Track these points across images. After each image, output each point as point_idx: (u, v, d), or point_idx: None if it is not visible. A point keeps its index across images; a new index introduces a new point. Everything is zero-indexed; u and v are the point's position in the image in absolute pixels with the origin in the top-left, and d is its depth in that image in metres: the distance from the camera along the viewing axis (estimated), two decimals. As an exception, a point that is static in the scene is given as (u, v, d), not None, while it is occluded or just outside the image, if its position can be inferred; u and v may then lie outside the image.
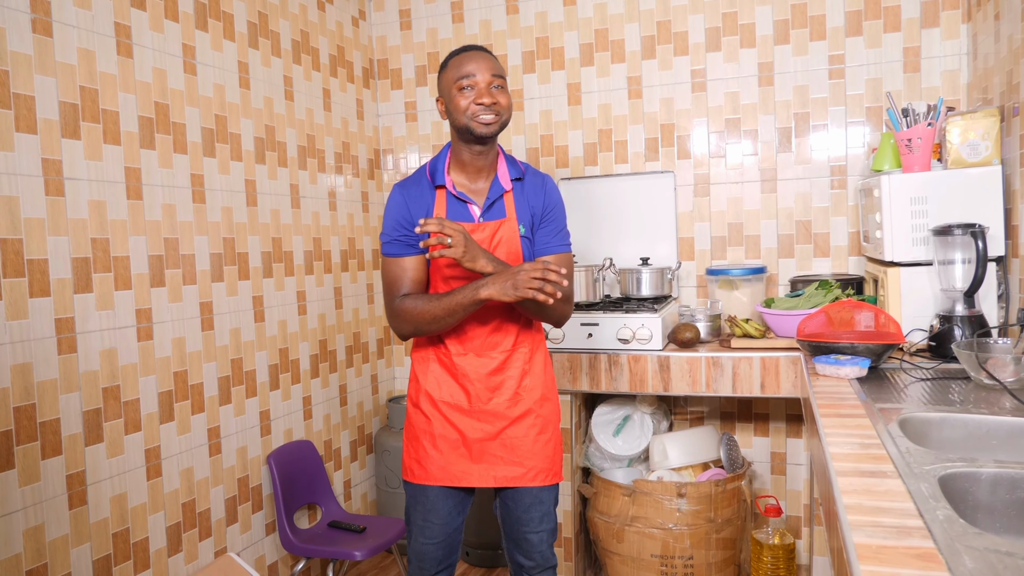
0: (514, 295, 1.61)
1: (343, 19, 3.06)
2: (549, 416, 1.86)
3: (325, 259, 2.88)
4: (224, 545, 2.32)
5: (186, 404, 2.19)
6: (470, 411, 1.81)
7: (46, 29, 1.80)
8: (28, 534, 1.73)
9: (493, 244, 1.77)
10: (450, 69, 1.75)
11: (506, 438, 1.81)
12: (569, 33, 3.00)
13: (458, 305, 1.67)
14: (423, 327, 1.73)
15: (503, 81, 1.74)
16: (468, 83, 1.71)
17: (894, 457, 1.19)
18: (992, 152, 2.10)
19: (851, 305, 2.07)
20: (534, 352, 1.86)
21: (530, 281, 1.59)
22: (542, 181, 1.86)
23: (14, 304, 1.71)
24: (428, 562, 1.85)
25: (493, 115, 1.71)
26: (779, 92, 2.76)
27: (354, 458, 3.02)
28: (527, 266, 1.61)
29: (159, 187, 2.12)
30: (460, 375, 1.81)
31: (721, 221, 2.87)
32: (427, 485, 1.83)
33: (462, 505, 1.88)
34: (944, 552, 0.84)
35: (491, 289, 1.63)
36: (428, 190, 1.80)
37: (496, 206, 1.80)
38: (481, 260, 1.65)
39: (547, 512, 1.86)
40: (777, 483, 2.85)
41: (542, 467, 1.83)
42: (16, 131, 1.73)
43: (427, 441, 1.83)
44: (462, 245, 1.61)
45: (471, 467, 1.81)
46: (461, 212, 1.79)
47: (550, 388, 1.89)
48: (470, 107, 1.70)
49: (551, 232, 1.83)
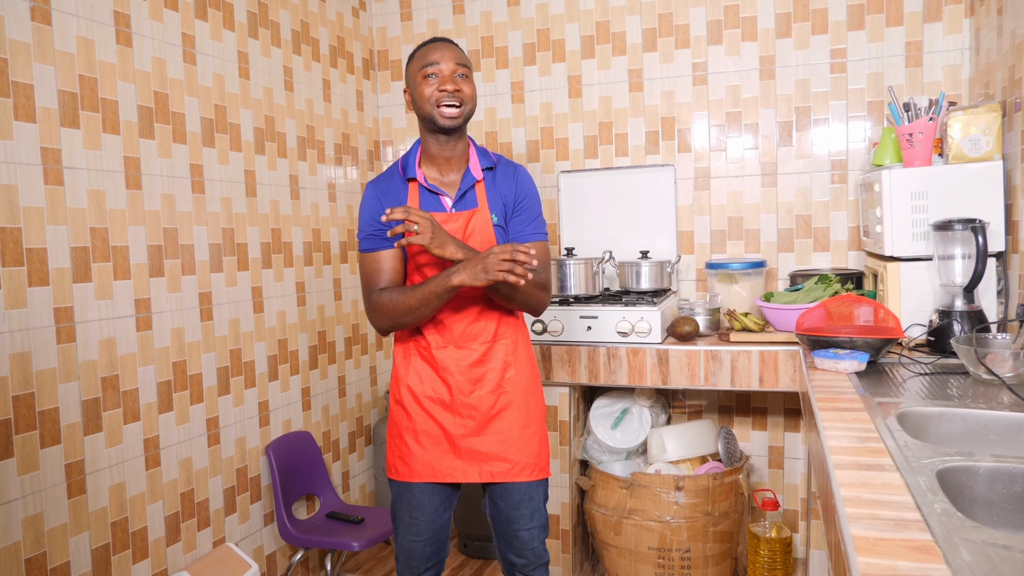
0: (485, 279, 1.61)
1: (343, 9, 3.05)
2: (534, 409, 1.85)
3: (324, 250, 2.88)
4: (223, 535, 2.32)
5: (185, 394, 2.19)
6: (452, 405, 1.80)
7: (45, 17, 1.79)
8: (27, 523, 1.73)
9: (466, 234, 1.77)
10: (415, 60, 1.78)
11: (490, 433, 1.80)
12: (570, 25, 2.99)
13: (431, 294, 1.67)
14: (400, 319, 1.73)
15: (468, 71, 1.76)
16: (433, 71, 1.73)
17: (892, 451, 1.19)
18: (993, 147, 2.10)
19: (850, 300, 2.07)
20: (517, 344, 1.85)
21: (500, 263, 1.59)
22: (514, 171, 1.86)
23: (13, 293, 1.71)
24: (416, 559, 1.85)
25: (457, 105, 1.72)
26: (780, 86, 2.76)
27: (352, 449, 3.02)
28: (496, 249, 1.61)
29: (158, 177, 2.11)
30: (441, 368, 1.80)
31: (721, 215, 2.86)
32: (412, 482, 1.82)
33: (448, 501, 1.87)
34: (941, 545, 0.84)
35: (463, 275, 1.63)
36: (400, 184, 1.81)
37: (468, 196, 1.80)
38: (450, 247, 1.64)
39: (537, 508, 1.85)
40: (775, 477, 2.86)
41: (528, 462, 1.82)
42: (15, 120, 1.72)
43: (410, 438, 1.82)
44: (429, 231, 1.61)
45: (456, 463, 1.80)
46: (433, 204, 1.79)
47: (534, 381, 1.88)
48: (434, 94, 1.72)
49: (525, 220, 1.83)
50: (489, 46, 3.10)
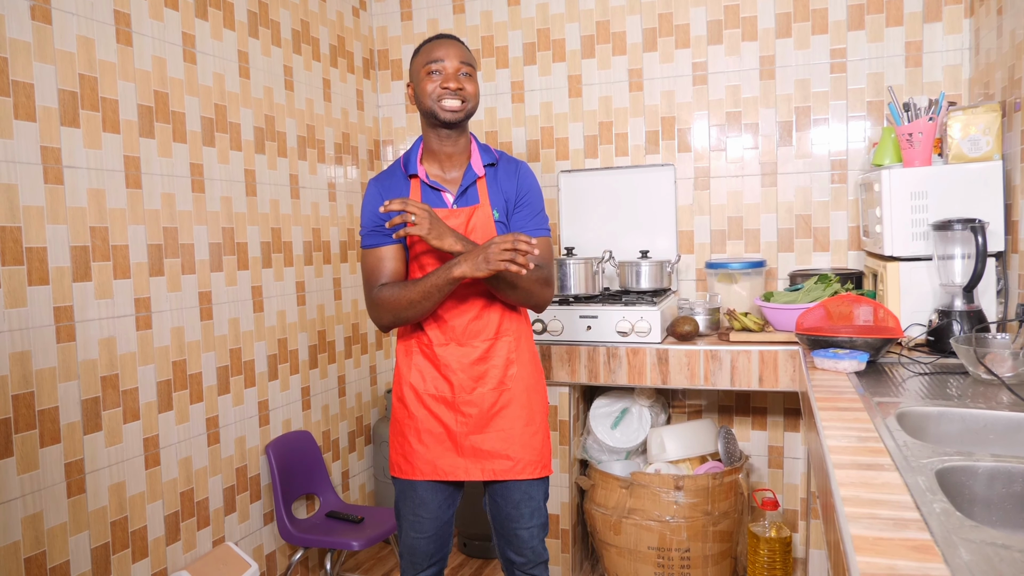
0: (487, 269, 1.60)
1: (343, 9, 3.05)
2: (536, 407, 1.85)
3: (324, 250, 2.88)
4: (222, 534, 2.32)
5: (185, 394, 2.19)
6: (454, 403, 1.79)
7: (45, 16, 1.79)
8: (27, 522, 1.73)
9: (468, 230, 1.77)
10: (420, 55, 1.78)
11: (492, 430, 1.80)
12: (570, 25, 2.99)
13: (433, 287, 1.66)
14: (401, 314, 1.72)
15: (472, 70, 1.76)
16: (436, 67, 1.73)
17: (891, 450, 1.19)
18: (993, 147, 2.10)
19: (850, 299, 2.07)
20: (520, 341, 1.84)
21: (501, 253, 1.58)
22: (516, 167, 1.86)
23: (13, 292, 1.71)
24: (419, 556, 1.85)
25: (459, 101, 1.72)
26: (780, 86, 2.76)
27: (352, 449, 3.03)
28: (498, 239, 1.60)
29: (158, 176, 2.11)
30: (443, 366, 1.79)
31: (721, 215, 2.86)
32: (415, 480, 1.82)
33: (452, 498, 1.87)
34: (940, 544, 0.84)
35: (464, 267, 1.62)
36: (402, 181, 1.81)
37: (469, 192, 1.80)
38: (448, 239, 1.64)
39: (537, 507, 1.85)
40: (774, 477, 2.86)
41: (530, 459, 1.81)
42: (15, 119, 1.72)
43: (412, 436, 1.82)
44: (427, 222, 1.62)
45: (458, 461, 1.80)
46: (435, 200, 1.80)
47: (537, 379, 1.88)
48: (436, 90, 1.72)
49: (526, 216, 1.82)
50: (489, 45, 3.10)
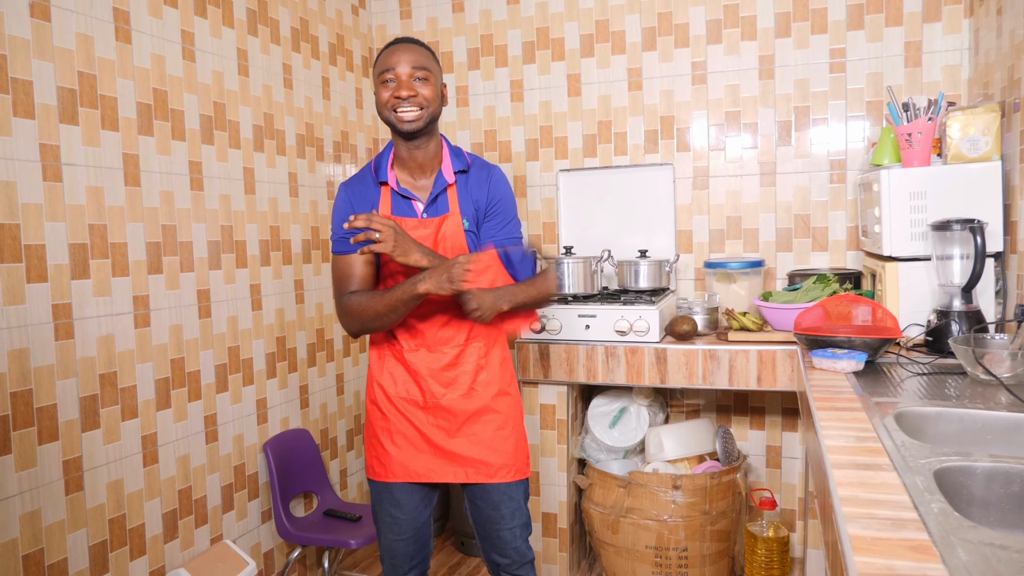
0: (450, 289, 1.59)
1: (343, 7, 3.05)
2: (508, 411, 1.84)
3: (323, 248, 2.87)
4: (220, 532, 2.32)
5: (183, 391, 2.19)
6: (425, 407, 1.79)
7: (44, 13, 1.79)
8: (24, 519, 1.73)
9: (437, 241, 1.74)
10: (377, 64, 1.74)
11: (464, 435, 1.79)
12: (569, 24, 2.99)
13: (398, 301, 1.64)
14: (368, 324, 1.71)
15: (427, 73, 1.70)
16: (389, 76, 1.69)
17: (890, 450, 1.19)
18: (992, 147, 2.10)
19: (848, 299, 2.07)
20: (490, 348, 1.83)
21: (464, 274, 1.57)
22: (488, 173, 1.81)
23: (11, 289, 1.71)
24: (400, 558, 1.85)
25: (416, 108, 1.68)
26: (779, 85, 2.76)
27: (350, 447, 3.02)
28: (462, 258, 1.58)
29: (157, 174, 2.11)
30: (413, 371, 1.79)
31: (720, 214, 2.86)
32: (390, 482, 1.82)
33: (428, 499, 1.87)
34: (938, 544, 0.84)
35: (428, 283, 1.60)
36: (373, 187, 1.78)
37: (439, 201, 1.76)
38: (414, 254, 1.62)
39: (518, 507, 1.84)
40: (772, 476, 2.86)
41: (504, 463, 1.80)
42: (14, 116, 1.72)
43: (385, 438, 1.81)
44: (391, 239, 1.59)
45: (433, 462, 1.80)
46: (405, 209, 1.76)
47: (509, 383, 1.86)
48: (390, 100, 1.69)
49: (497, 225, 1.79)
50: (488, 44, 3.10)
